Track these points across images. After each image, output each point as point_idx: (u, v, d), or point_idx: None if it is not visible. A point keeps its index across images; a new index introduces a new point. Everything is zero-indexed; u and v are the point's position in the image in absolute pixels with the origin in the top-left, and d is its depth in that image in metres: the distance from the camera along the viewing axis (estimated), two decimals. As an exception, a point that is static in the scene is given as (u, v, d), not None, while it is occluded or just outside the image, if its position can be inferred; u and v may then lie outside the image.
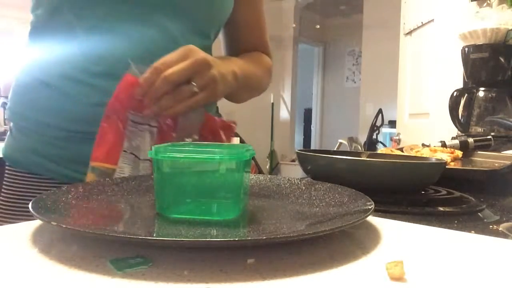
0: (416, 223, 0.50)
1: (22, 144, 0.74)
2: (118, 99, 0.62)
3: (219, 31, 0.87)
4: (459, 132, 1.58)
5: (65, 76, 0.70)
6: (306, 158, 0.70)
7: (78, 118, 0.70)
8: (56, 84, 0.70)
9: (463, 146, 1.14)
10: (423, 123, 2.42)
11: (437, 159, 0.75)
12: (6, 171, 0.76)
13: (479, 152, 1.13)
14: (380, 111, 4.24)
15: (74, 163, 0.70)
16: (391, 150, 1.01)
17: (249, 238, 0.37)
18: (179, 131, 0.66)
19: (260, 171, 4.85)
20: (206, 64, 0.63)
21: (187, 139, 0.66)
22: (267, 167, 5.62)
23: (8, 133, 0.78)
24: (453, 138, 1.19)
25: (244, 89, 0.82)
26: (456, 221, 0.53)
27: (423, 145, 1.15)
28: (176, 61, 0.61)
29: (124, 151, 0.63)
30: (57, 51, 0.72)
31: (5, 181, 0.76)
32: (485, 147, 1.17)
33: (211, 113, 0.73)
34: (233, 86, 0.71)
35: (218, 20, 0.83)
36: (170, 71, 0.60)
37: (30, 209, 0.39)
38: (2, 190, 0.76)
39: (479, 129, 1.54)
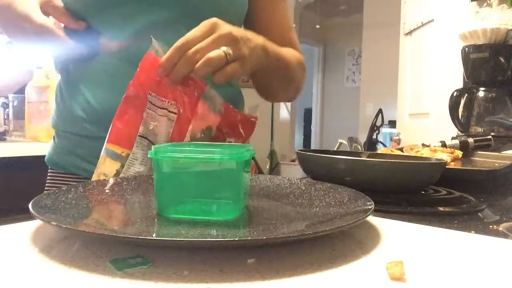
0: (416, 223, 0.50)
1: (62, 148, 0.79)
2: (139, 79, 0.60)
3: None
4: (459, 132, 1.58)
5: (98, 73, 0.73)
6: (306, 158, 0.70)
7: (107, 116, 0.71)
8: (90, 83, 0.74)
9: (463, 146, 1.14)
10: (423, 123, 2.42)
11: (437, 159, 0.75)
12: (48, 175, 0.83)
13: (479, 152, 1.13)
14: (380, 111, 4.24)
15: None
16: (391, 150, 1.01)
17: (249, 238, 0.37)
18: (197, 120, 0.63)
19: (260, 171, 4.85)
20: (233, 39, 0.59)
21: (201, 133, 0.64)
22: (267, 167, 5.62)
23: (52, 141, 0.84)
24: (453, 138, 1.19)
25: (276, 73, 0.77)
26: (456, 221, 0.53)
27: (423, 145, 1.15)
28: (199, 38, 0.58)
29: (140, 135, 0.61)
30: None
31: (47, 183, 0.82)
32: (485, 147, 1.17)
33: (237, 109, 0.72)
34: (263, 62, 0.67)
35: (230, 19, 0.81)
36: (193, 49, 0.57)
37: (30, 209, 0.39)
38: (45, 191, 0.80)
39: (479, 129, 1.54)
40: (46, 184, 0.82)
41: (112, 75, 0.72)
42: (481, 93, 1.57)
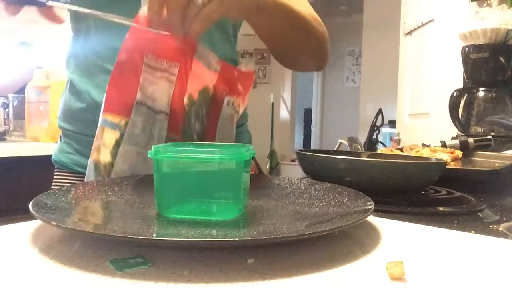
0: (416, 223, 0.50)
1: (68, 147, 0.79)
2: (132, 40, 0.58)
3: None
4: (459, 132, 1.57)
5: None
6: (306, 158, 0.70)
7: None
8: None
9: (463, 146, 1.14)
10: (423, 123, 2.42)
11: (437, 159, 0.75)
12: (55, 174, 0.83)
13: (479, 152, 1.13)
14: (380, 111, 4.23)
15: None
16: (391, 150, 1.01)
17: (249, 238, 0.37)
18: (193, 81, 0.61)
19: (260, 171, 4.85)
20: None
21: (199, 94, 0.60)
22: (267, 167, 5.62)
23: (58, 141, 0.85)
24: (453, 138, 1.19)
25: (287, 23, 0.68)
26: (456, 221, 0.53)
27: (423, 145, 1.15)
28: None
29: (137, 102, 0.59)
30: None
31: (54, 183, 0.83)
32: (485, 147, 1.17)
33: (243, 124, 0.70)
34: (250, 3, 0.60)
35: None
36: None
37: (30, 209, 0.39)
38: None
39: (479, 129, 1.54)
40: (53, 184, 0.83)
41: None
42: (481, 93, 1.57)
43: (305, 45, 0.75)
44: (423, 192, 0.67)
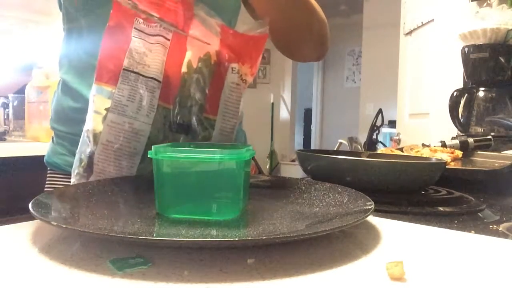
0: (416, 223, 0.50)
1: (61, 148, 0.78)
2: (120, 7, 0.56)
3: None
4: (459, 132, 1.57)
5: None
6: (306, 158, 0.70)
7: None
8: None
9: (463, 146, 1.14)
10: (423, 123, 2.42)
11: (437, 159, 0.75)
12: (48, 176, 0.82)
13: (479, 152, 1.13)
14: (380, 111, 4.23)
15: None
16: (391, 150, 1.01)
17: (249, 238, 0.37)
18: (194, 46, 0.58)
19: (260, 171, 4.85)
20: None
21: (199, 63, 0.57)
22: (267, 167, 5.62)
23: (50, 142, 0.83)
24: (453, 138, 1.19)
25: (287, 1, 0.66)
26: (456, 221, 0.53)
27: (423, 145, 1.15)
28: None
29: (124, 69, 0.56)
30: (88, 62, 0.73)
31: (47, 185, 0.82)
32: (485, 147, 1.17)
33: (240, 142, 0.67)
34: None
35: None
36: None
37: (30, 209, 0.39)
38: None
39: (479, 129, 1.54)
40: (46, 185, 0.82)
41: None
42: (481, 93, 1.57)
43: (308, 28, 0.73)
44: (423, 192, 0.67)
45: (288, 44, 0.78)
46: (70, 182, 0.75)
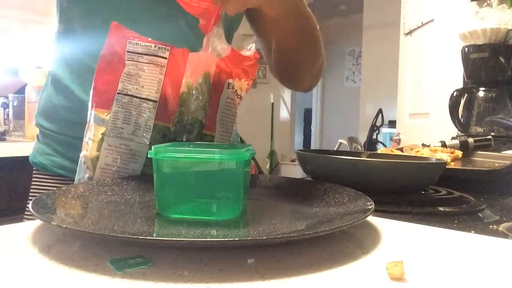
0: (416, 223, 0.50)
1: (48, 148, 0.76)
2: (115, 34, 0.56)
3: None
4: (459, 132, 1.58)
5: (84, 79, 0.70)
6: (306, 158, 0.70)
7: None
8: (74, 87, 0.72)
9: (463, 146, 1.14)
10: (423, 123, 2.42)
11: (437, 159, 0.75)
12: (34, 176, 0.79)
13: (479, 152, 1.13)
14: (380, 111, 4.23)
15: None
16: (391, 150, 1.01)
17: (249, 238, 0.37)
18: (195, 64, 0.58)
19: (260, 171, 4.85)
20: None
21: (200, 79, 0.58)
22: (267, 167, 5.62)
23: (36, 140, 0.81)
24: (453, 138, 1.19)
25: (306, 27, 0.70)
26: (456, 221, 0.53)
27: (423, 145, 1.15)
28: None
29: (118, 92, 0.57)
30: (81, 59, 0.73)
31: (33, 185, 0.79)
32: (485, 147, 1.17)
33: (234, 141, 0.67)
34: (291, 5, 0.62)
35: None
36: None
37: (30, 209, 0.39)
38: (30, 193, 0.79)
39: (479, 129, 1.54)
40: (32, 187, 0.79)
41: None
42: (481, 93, 1.57)
43: (312, 62, 0.76)
44: (423, 192, 0.67)
45: (290, 74, 0.80)
46: (58, 183, 0.73)
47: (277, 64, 0.79)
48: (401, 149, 1.09)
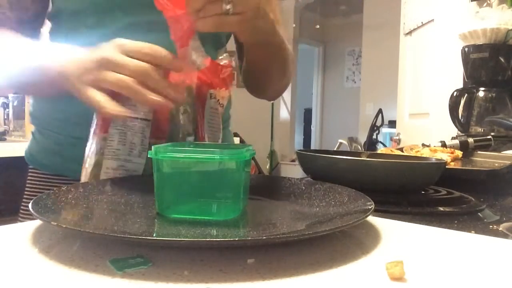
0: (416, 223, 0.50)
1: (44, 146, 0.75)
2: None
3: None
4: (459, 132, 1.57)
5: None
6: (306, 158, 0.70)
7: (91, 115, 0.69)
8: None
9: (463, 146, 1.14)
10: (423, 123, 2.42)
11: (437, 159, 0.75)
12: (29, 174, 0.78)
13: (479, 152, 1.13)
14: (380, 111, 4.24)
15: None
16: (391, 150, 1.01)
17: (249, 238, 0.37)
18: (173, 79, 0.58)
19: (260, 171, 4.85)
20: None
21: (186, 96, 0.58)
22: (267, 167, 5.62)
23: (31, 137, 0.80)
24: (453, 138, 1.19)
25: (275, 59, 0.74)
26: (456, 221, 0.53)
27: (423, 145, 1.15)
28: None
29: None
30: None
31: (28, 183, 0.78)
32: (485, 147, 1.17)
33: (226, 126, 0.68)
34: (269, 31, 0.63)
35: None
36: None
37: (30, 209, 0.39)
38: (25, 192, 0.78)
39: (479, 129, 1.54)
40: (27, 186, 0.78)
41: None
42: (481, 93, 1.57)
43: (278, 79, 0.81)
44: (423, 192, 0.67)
45: (259, 89, 0.85)
46: (55, 182, 0.73)
47: (245, 76, 0.83)
48: (401, 149, 1.09)
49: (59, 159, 0.73)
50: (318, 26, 6.83)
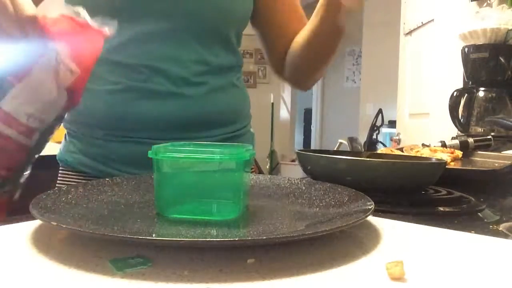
0: (416, 223, 0.49)
1: (72, 146, 0.81)
2: None
3: (241, 31, 0.86)
4: (459, 132, 1.57)
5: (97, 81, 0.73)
6: (306, 158, 0.70)
7: (110, 117, 0.74)
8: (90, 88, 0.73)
9: (463, 146, 1.13)
10: (423, 123, 2.42)
11: (437, 159, 0.75)
12: (60, 173, 0.84)
13: (479, 152, 1.13)
14: (380, 111, 4.23)
15: (113, 161, 0.76)
16: (391, 150, 1.01)
17: (249, 238, 0.37)
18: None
19: (260, 171, 4.85)
20: None
21: None
22: (267, 167, 5.62)
23: (63, 139, 0.86)
24: (453, 138, 1.19)
25: (337, 42, 0.84)
26: (456, 221, 0.53)
27: (423, 145, 1.15)
28: None
29: None
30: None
31: (59, 181, 0.84)
32: (485, 147, 1.17)
33: (246, 125, 0.77)
34: (343, 22, 0.77)
35: (233, 18, 0.81)
36: None
37: (30, 209, 0.39)
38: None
39: (479, 129, 1.54)
40: (58, 182, 0.84)
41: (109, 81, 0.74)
42: (481, 93, 1.57)
43: (326, 66, 0.90)
44: (423, 192, 0.67)
45: (307, 69, 0.91)
46: (81, 179, 0.78)
47: (297, 55, 0.88)
48: (401, 149, 1.09)
49: (83, 158, 0.79)
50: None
